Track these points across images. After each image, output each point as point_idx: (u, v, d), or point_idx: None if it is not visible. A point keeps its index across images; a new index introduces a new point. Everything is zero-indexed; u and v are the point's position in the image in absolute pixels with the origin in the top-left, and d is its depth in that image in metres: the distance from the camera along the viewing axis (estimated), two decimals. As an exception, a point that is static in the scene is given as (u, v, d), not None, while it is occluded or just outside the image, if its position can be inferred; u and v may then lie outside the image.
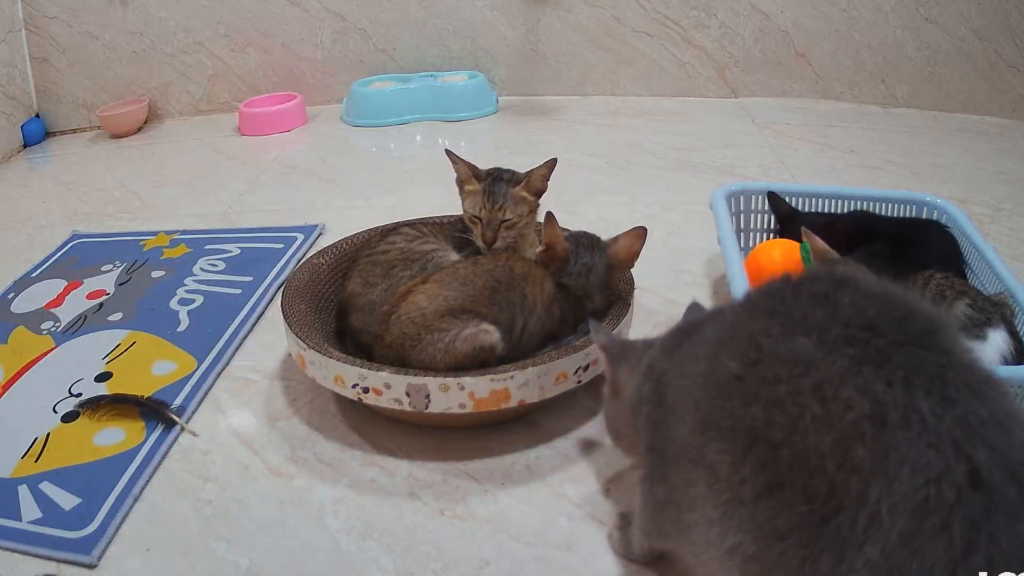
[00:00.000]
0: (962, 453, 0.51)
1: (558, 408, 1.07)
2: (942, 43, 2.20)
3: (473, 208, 1.17)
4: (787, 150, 1.97)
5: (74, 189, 2.01)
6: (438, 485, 0.97)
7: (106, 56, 2.43)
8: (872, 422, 0.53)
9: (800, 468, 0.54)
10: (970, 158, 1.91)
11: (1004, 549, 0.50)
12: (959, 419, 0.52)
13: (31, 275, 1.55)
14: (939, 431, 0.52)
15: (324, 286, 1.21)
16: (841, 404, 0.54)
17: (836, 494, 0.53)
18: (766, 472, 0.56)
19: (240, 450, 1.05)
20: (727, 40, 2.34)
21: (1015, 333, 1.00)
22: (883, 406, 0.53)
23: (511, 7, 2.37)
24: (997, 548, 0.50)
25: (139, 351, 1.27)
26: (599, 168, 1.91)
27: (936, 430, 0.52)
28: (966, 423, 0.52)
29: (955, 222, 1.23)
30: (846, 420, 0.53)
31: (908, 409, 0.53)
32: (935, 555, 0.50)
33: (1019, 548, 0.50)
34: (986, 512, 0.50)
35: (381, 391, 0.97)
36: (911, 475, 0.51)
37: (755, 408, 0.57)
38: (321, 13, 2.40)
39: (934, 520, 0.50)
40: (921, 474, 0.51)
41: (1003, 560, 0.49)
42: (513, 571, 0.85)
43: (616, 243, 1.11)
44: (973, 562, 0.49)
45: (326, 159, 2.09)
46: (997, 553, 0.50)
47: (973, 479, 0.51)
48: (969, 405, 0.53)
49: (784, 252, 1.21)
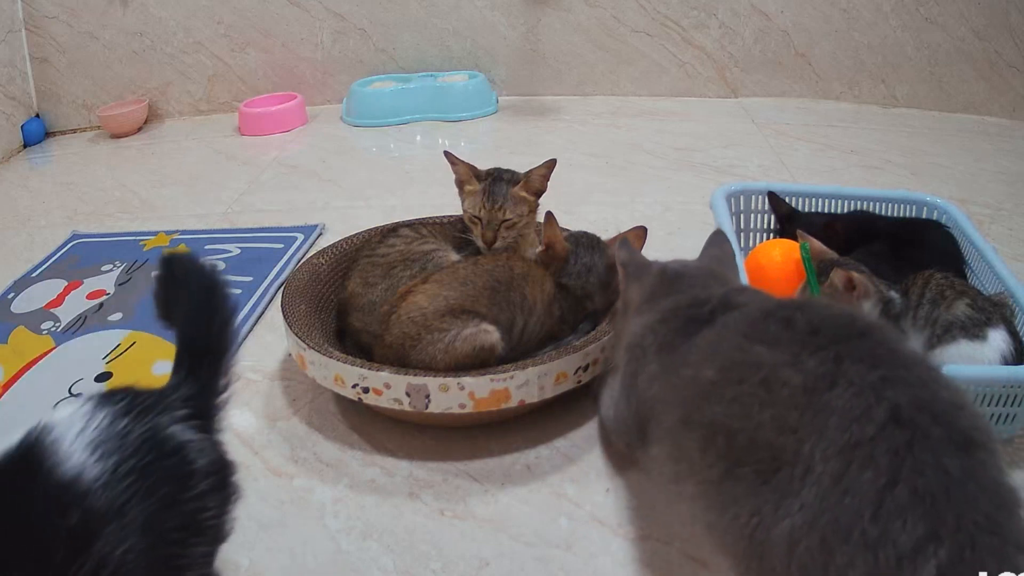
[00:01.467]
0: (883, 397, 0.57)
1: (558, 408, 1.07)
2: (942, 43, 2.20)
3: (473, 208, 1.17)
4: (787, 150, 1.97)
5: (74, 189, 2.01)
6: (438, 485, 0.97)
7: (106, 56, 2.43)
8: (804, 391, 0.60)
9: (751, 447, 0.61)
10: (970, 158, 1.91)
11: (929, 479, 0.54)
12: (882, 377, 0.59)
13: (31, 275, 1.55)
14: (863, 385, 0.58)
15: (324, 286, 1.21)
16: (780, 384, 0.61)
17: (777, 457, 0.59)
18: (726, 457, 0.63)
19: (240, 450, 1.05)
20: (727, 40, 2.34)
21: (1015, 333, 1.00)
22: (814, 377, 0.60)
23: (511, 7, 2.37)
24: (922, 478, 0.54)
25: (139, 351, 1.27)
26: (599, 168, 1.92)
27: (860, 384, 0.58)
28: (889, 380, 0.59)
29: (955, 222, 1.23)
30: (783, 395, 0.61)
31: (836, 375, 0.59)
32: (862, 489, 0.54)
33: (945, 479, 0.54)
34: (908, 444, 0.55)
35: (381, 391, 0.97)
36: (838, 423, 0.57)
37: (719, 406, 0.65)
38: (321, 13, 2.40)
39: (860, 455, 0.55)
40: (847, 418, 0.57)
41: (927, 490, 0.53)
42: (513, 571, 0.85)
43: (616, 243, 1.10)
44: (898, 492, 0.53)
45: (326, 159, 2.09)
46: (922, 483, 0.53)
47: (894, 415, 0.56)
48: (894, 369, 0.60)
49: (784, 252, 1.21)
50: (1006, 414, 0.95)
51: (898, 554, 0.52)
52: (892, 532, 0.53)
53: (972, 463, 0.55)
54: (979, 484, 0.54)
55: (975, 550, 0.52)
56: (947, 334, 0.99)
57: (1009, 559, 0.52)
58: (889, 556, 0.52)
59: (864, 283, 1.04)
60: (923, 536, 0.52)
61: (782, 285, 1.15)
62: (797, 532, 0.56)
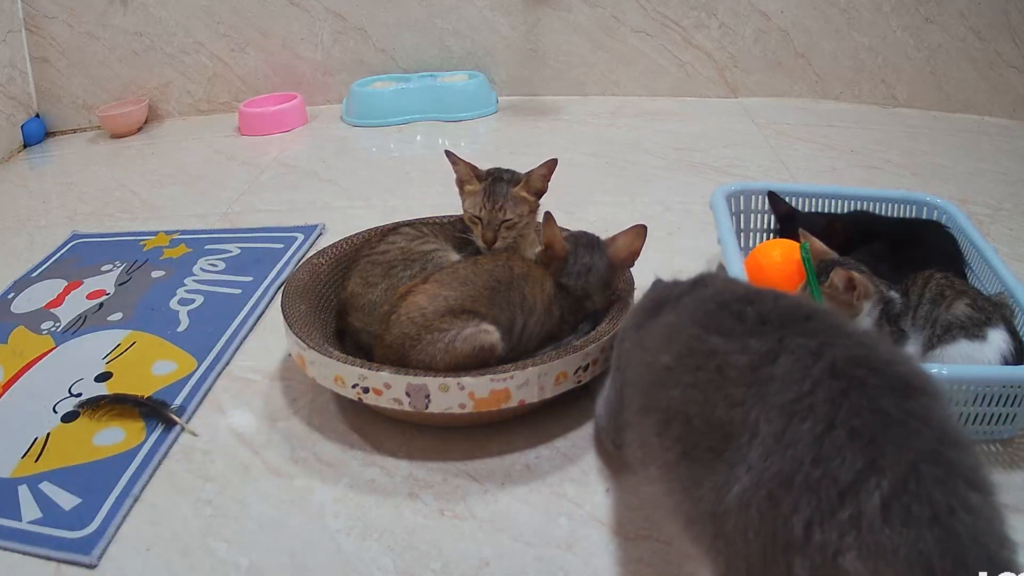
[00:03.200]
0: (821, 357, 0.60)
1: (558, 408, 1.07)
2: (942, 43, 2.20)
3: (473, 208, 1.17)
4: (787, 150, 1.97)
5: (74, 189, 2.01)
6: (438, 485, 0.97)
7: (106, 56, 2.43)
8: (750, 368, 0.63)
9: (705, 428, 0.63)
10: (970, 158, 1.91)
11: (866, 419, 0.55)
12: (822, 343, 0.61)
13: (31, 275, 1.55)
14: (802, 353, 0.61)
15: (324, 286, 1.21)
16: (730, 367, 0.64)
17: (727, 432, 0.61)
18: (682, 440, 0.65)
19: (240, 450, 1.05)
20: (727, 40, 2.34)
21: (1015, 333, 1.00)
22: (757, 355, 0.63)
23: (511, 7, 2.37)
24: (858, 418, 0.55)
25: (139, 351, 1.27)
26: (599, 168, 1.92)
27: (799, 352, 0.61)
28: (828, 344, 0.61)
29: (955, 222, 1.23)
30: (731, 375, 0.64)
31: (778, 350, 0.62)
32: (802, 439, 0.56)
33: (883, 418, 0.55)
34: (844, 392, 0.57)
35: (381, 391, 0.97)
36: (779, 386, 0.60)
37: (676, 391, 0.68)
38: (321, 13, 2.40)
39: (799, 408, 0.57)
40: (787, 380, 0.60)
41: (865, 429, 0.55)
42: (513, 571, 0.85)
43: (615, 242, 1.11)
44: (836, 434, 0.55)
45: (326, 159, 2.09)
46: (859, 422, 0.55)
47: (831, 370, 0.59)
48: (830, 338, 0.62)
49: (784, 252, 1.21)
50: (1006, 414, 0.95)
51: (839, 490, 0.53)
52: (831, 470, 0.54)
53: (912, 404, 0.56)
54: (922, 421, 0.55)
55: (919, 481, 0.52)
56: (947, 334, 0.99)
57: (958, 493, 0.52)
58: (831, 493, 0.53)
59: (864, 283, 1.04)
60: (863, 468, 0.53)
61: (782, 285, 1.15)
62: (747, 493, 0.57)
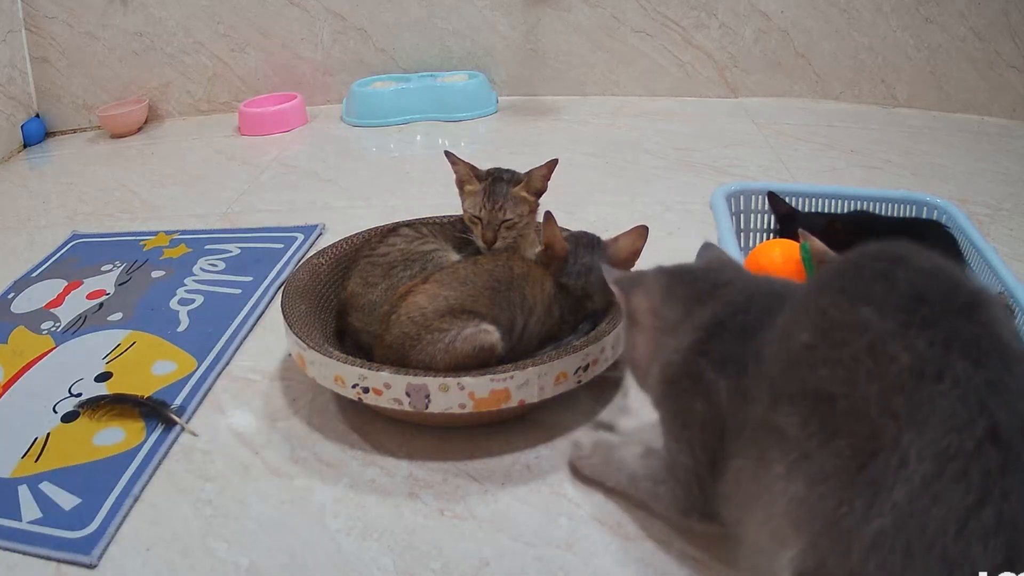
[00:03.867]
0: (986, 410, 0.55)
1: (558, 408, 1.07)
2: (942, 43, 2.20)
3: (473, 208, 1.17)
4: (787, 150, 1.97)
5: (74, 189, 2.01)
6: (438, 485, 0.97)
7: (106, 56, 2.43)
8: (911, 374, 0.58)
9: (850, 416, 0.59)
10: (970, 158, 1.91)
11: (1014, 506, 0.53)
12: (987, 382, 0.57)
13: (31, 275, 1.55)
14: (967, 388, 0.56)
15: (324, 286, 1.21)
16: (888, 358, 0.59)
17: (875, 438, 0.57)
18: (827, 424, 0.61)
19: (240, 450, 1.05)
20: (727, 40, 2.34)
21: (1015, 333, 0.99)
22: (922, 360, 0.58)
23: (511, 7, 2.37)
24: (1008, 504, 0.53)
25: (139, 351, 1.26)
26: (599, 168, 1.91)
27: (965, 387, 0.56)
28: (993, 386, 0.56)
29: (955, 222, 1.23)
30: (891, 371, 0.58)
31: (943, 366, 0.57)
32: (951, 502, 0.53)
33: None
34: (1001, 468, 0.54)
35: (381, 391, 0.97)
36: (938, 423, 0.55)
37: (823, 370, 0.62)
38: (321, 13, 2.40)
39: (954, 467, 0.54)
40: (947, 423, 0.55)
41: (1011, 517, 0.53)
42: (513, 571, 0.85)
43: (617, 243, 1.11)
44: (984, 514, 0.53)
45: (326, 159, 2.09)
46: (1007, 509, 0.53)
47: (993, 434, 0.55)
48: (998, 372, 0.57)
49: (784, 252, 1.20)
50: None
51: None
52: (972, 554, 0.52)
53: None
54: None
55: None
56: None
57: None
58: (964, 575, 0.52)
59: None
60: (1000, 564, 0.52)
61: (782, 285, 1.15)
62: (885, 534, 0.55)
